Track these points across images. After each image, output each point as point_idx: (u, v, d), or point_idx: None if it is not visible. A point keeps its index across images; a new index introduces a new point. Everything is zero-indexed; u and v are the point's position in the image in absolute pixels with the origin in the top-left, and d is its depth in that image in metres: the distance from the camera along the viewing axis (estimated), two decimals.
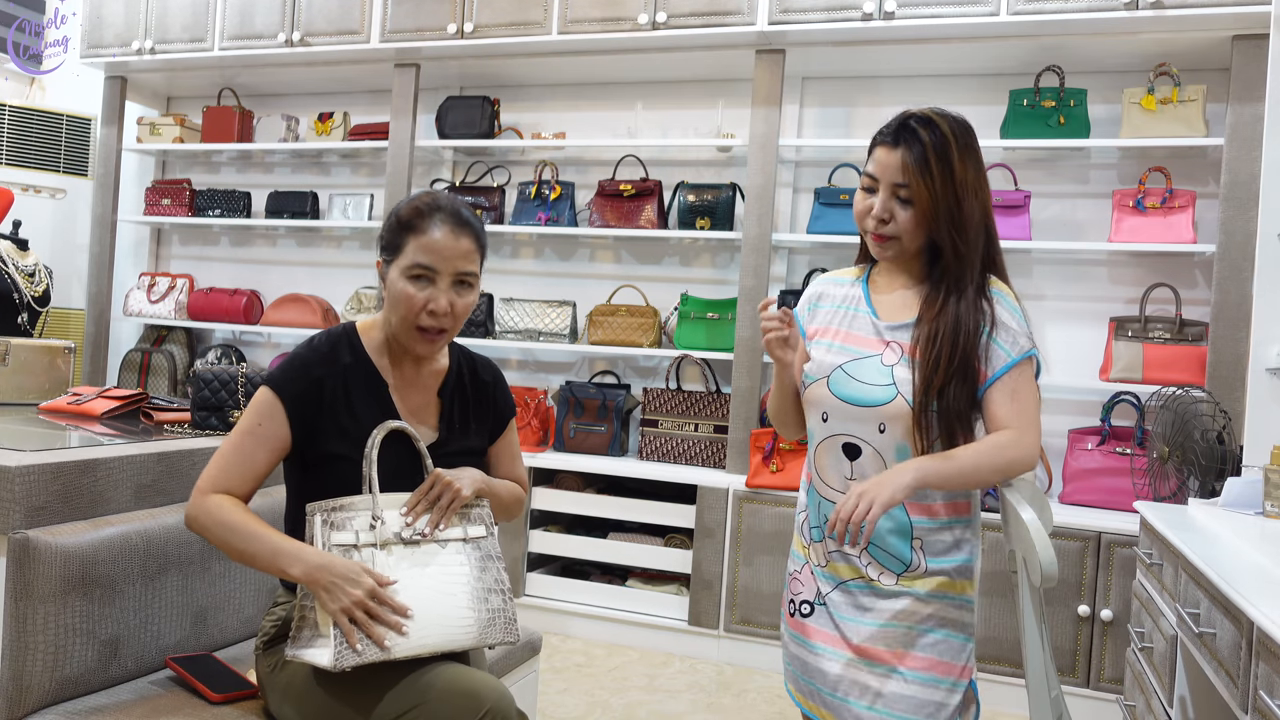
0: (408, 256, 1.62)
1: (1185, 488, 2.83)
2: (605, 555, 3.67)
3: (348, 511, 1.56)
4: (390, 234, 1.65)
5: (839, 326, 1.69)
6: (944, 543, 1.61)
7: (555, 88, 4.26)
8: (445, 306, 1.62)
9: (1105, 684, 3.01)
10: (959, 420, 1.55)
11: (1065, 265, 3.58)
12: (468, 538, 1.63)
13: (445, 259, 1.61)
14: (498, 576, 1.63)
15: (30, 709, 1.61)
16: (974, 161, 1.60)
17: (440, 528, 1.60)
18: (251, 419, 1.63)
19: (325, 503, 1.56)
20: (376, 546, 1.55)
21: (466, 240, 1.63)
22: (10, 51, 4.67)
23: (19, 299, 3.22)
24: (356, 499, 1.58)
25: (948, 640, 1.60)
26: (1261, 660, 1.41)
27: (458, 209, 1.65)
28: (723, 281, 4.01)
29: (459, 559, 1.60)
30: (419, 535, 1.58)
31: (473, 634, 1.57)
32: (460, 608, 1.57)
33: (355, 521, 1.56)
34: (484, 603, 1.59)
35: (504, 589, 1.63)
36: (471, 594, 1.58)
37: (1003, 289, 1.63)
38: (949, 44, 3.38)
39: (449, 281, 1.63)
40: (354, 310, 4.30)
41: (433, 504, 1.61)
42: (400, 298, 1.62)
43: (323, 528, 1.54)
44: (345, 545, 1.54)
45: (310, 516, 1.56)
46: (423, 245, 1.61)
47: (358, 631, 1.48)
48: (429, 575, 1.56)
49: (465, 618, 1.56)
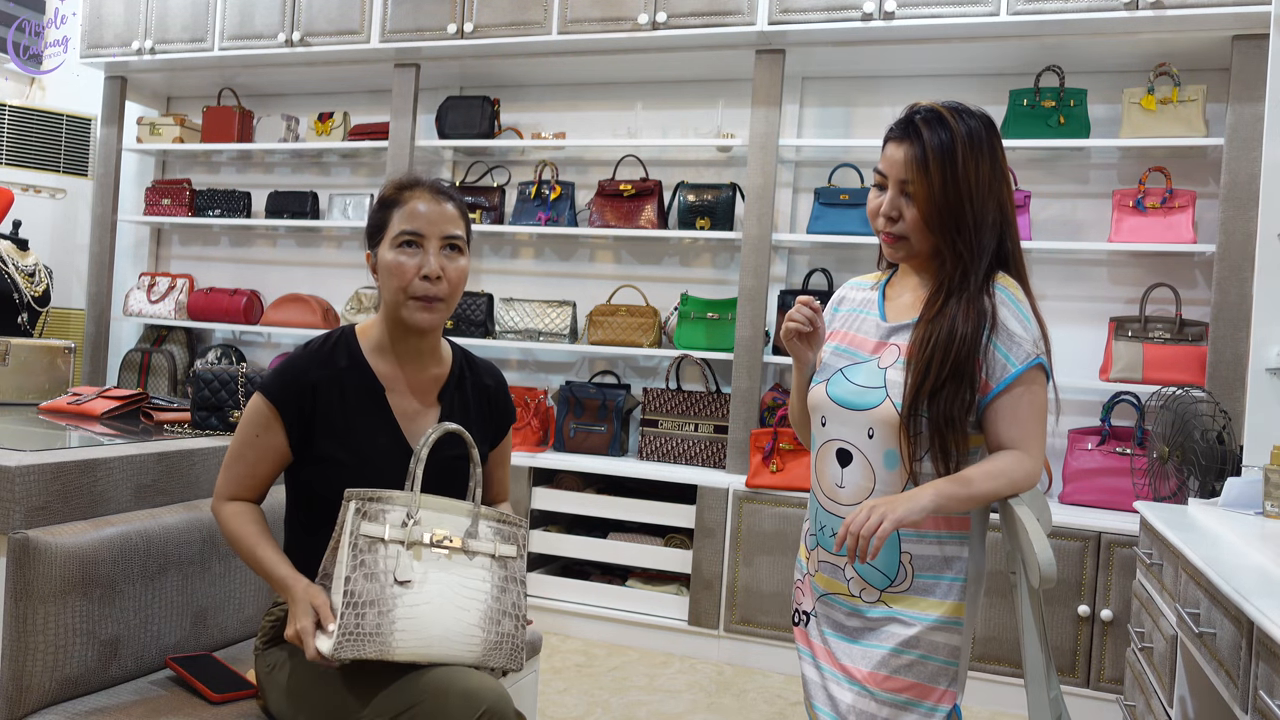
0: (394, 228, 1.64)
1: (1185, 488, 2.83)
2: (605, 555, 3.67)
3: (385, 504, 1.53)
4: (374, 216, 1.68)
5: (846, 329, 1.66)
6: (934, 558, 1.54)
7: (555, 88, 4.26)
8: (436, 269, 1.63)
9: (1105, 684, 3.01)
10: (950, 427, 1.48)
11: (1065, 265, 3.58)
12: (497, 555, 1.61)
13: (431, 222, 1.64)
14: (516, 601, 1.61)
15: (30, 709, 1.61)
16: (987, 159, 1.52)
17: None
18: (249, 430, 1.65)
19: (365, 491, 1.53)
20: (404, 545, 1.53)
21: (449, 205, 1.67)
22: (10, 51, 4.68)
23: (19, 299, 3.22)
24: (398, 494, 1.55)
25: (925, 662, 1.52)
26: (1261, 660, 1.41)
27: (436, 181, 1.70)
28: (723, 281, 4.01)
29: (482, 574, 1.59)
30: (449, 542, 1.56)
31: (477, 654, 1.56)
32: (471, 625, 1.55)
33: (390, 515, 1.53)
34: (495, 625, 1.58)
35: (519, 615, 1.61)
36: (485, 613, 1.57)
37: (1009, 287, 1.55)
38: (949, 44, 3.38)
39: (437, 246, 1.64)
40: (354, 310, 4.30)
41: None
42: (392, 268, 1.63)
43: (354, 516, 1.50)
44: (372, 538, 1.51)
45: (346, 502, 1.52)
46: (407, 213, 1.64)
47: (362, 626, 1.47)
48: (448, 585, 1.54)
49: (473, 636, 1.55)
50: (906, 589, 1.54)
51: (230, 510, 1.66)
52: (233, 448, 1.68)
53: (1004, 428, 1.51)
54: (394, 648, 1.48)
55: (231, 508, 1.67)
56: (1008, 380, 1.51)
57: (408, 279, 1.62)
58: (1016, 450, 1.51)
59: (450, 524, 1.58)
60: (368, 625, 1.47)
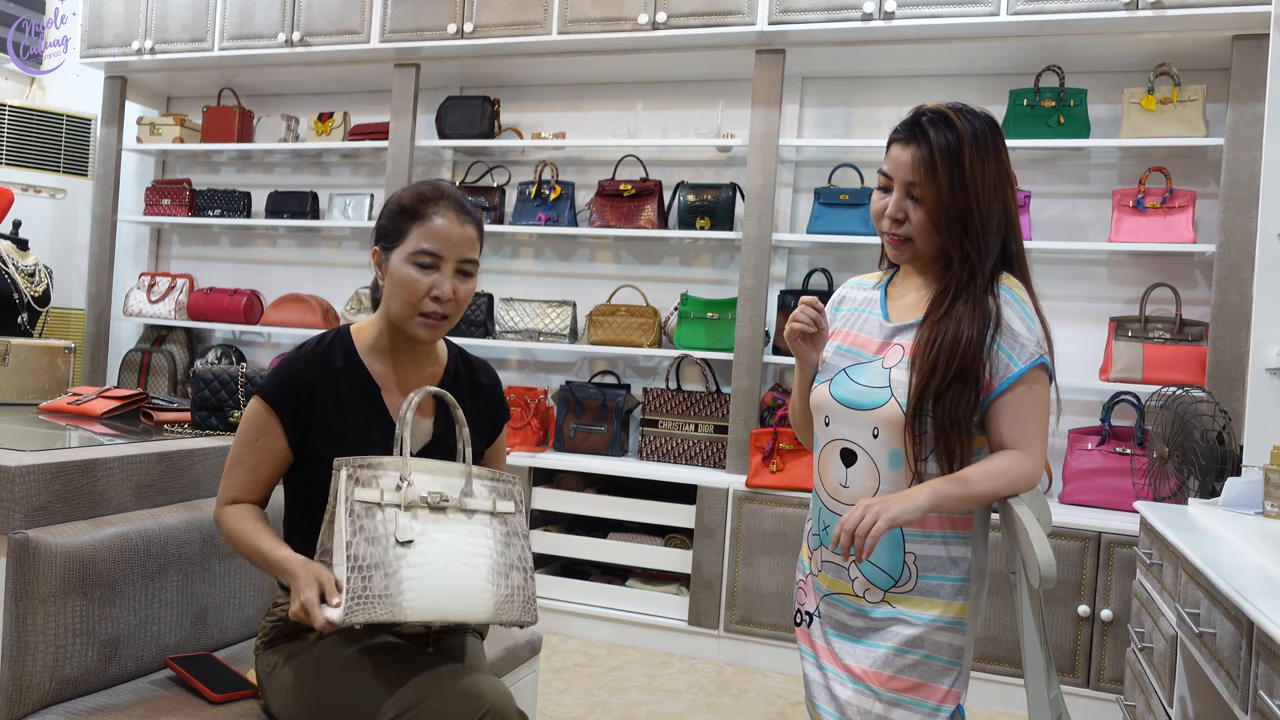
0: (413, 243, 1.62)
1: (1185, 488, 2.83)
2: (605, 555, 3.67)
3: (375, 470, 1.52)
4: (391, 220, 1.66)
5: (849, 329, 1.66)
6: (938, 558, 1.53)
7: (555, 88, 4.26)
8: (449, 292, 1.62)
9: (1105, 684, 3.01)
10: (955, 428, 1.48)
11: (1065, 265, 3.58)
12: (495, 511, 1.60)
13: (452, 245, 1.62)
14: (521, 554, 1.59)
15: (30, 709, 1.61)
16: (993, 161, 1.52)
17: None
18: (249, 433, 1.65)
19: (353, 459, 1.51)
20: (400, 507, 1.51)
21: (470, 228, 1.65)
22: (10, 51, 4.68)
23: (19, 299, 3.22)
24: (387, 459, 1.54)
25: (929, 662, 1.52)
26: (1261, 660, 1.41)
27: (459, 197, 1.68)
28: (723, 281, 4.01)
29: (485, 530, 1.57)
30: (445, 501, 1.55)
31: (489, 608, 1.52)
32: (480, 580, 1.52)
33: (382, 480, 1.52)
34: (504, 578, 1.55)
35: (526, 567, 1.59)
36: (492, 567, 1.54)
37: (1013, 287, 1.56)
38: (949, 44, 3.38)
39: (453, 268, 1.63)
40: (354, 310, 4.30)
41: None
42: (404, 282, 1.62)
43: (347, 482, 1.49)
44: (368, 503, 1.49)
45: (336, 470, 1.50)
46: (429, 231, 1.62)
47: (370, 588, 1.44)
48: (452, 544, 1.53)
49: (484, 590, 1.52)
50: (910, 589, 1.54)
51: (230, 511, 1.66)
52: (233, 453, 1.68)
53: (1006, 427, 1.51)
54: (404, 608, 1.45)
55: (232, 509, 1.66)
56: (1010, 379, 1.51)
57: (419, 297, 1.62)
58: (1017, 450, 1.51)
59: (444, 484, 1.57)
60: (375, 588, 1.44)
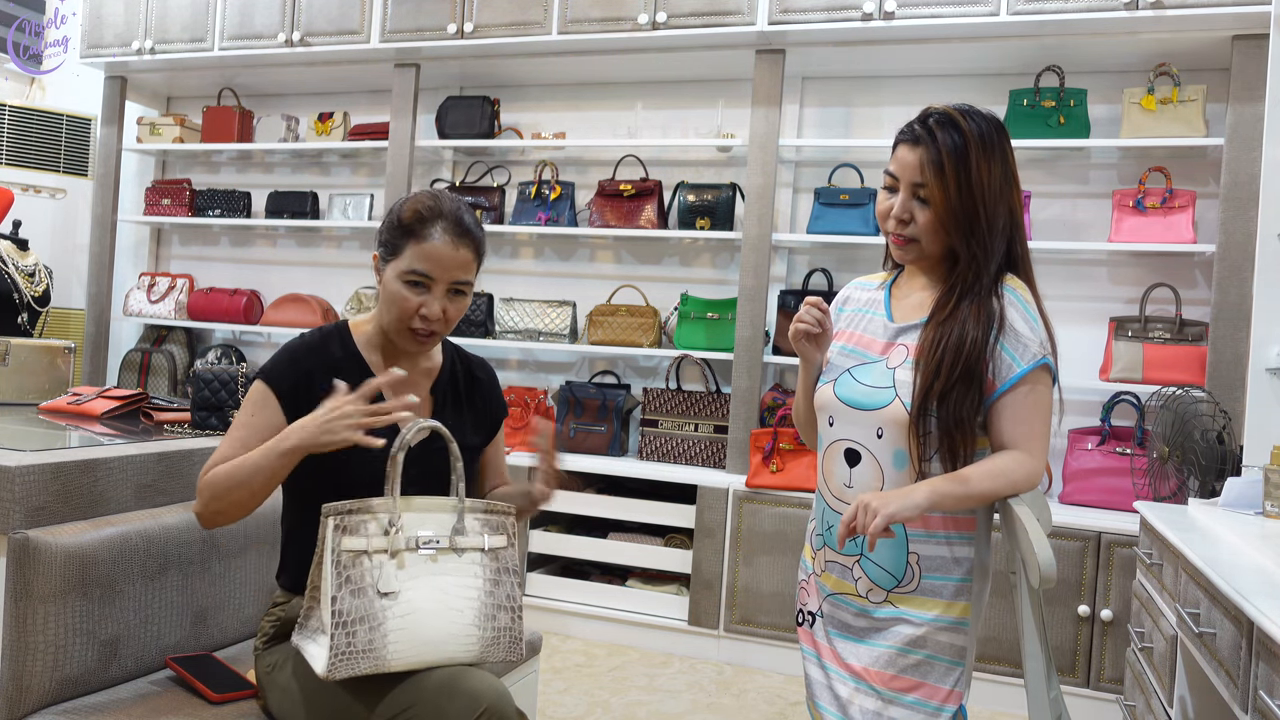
0: (405, 261, 1.61)
1: (1185, 488, 2.83)
2: (605, 555, 3.67)
3: (362, 515, 1.50)
4: (389, 234, 1.64)
5: (853, 329, 1.66)
6: (941, 558, 1.53)
7: (555, 88, 4.26)
8: (438, 313, 1.62)
9: (1105, 684, 3.01)
10: (959, 428, 1.48)
11: (1065, 265, 3.58)
12: (486, 548, 1.58)
13: (443, 268, 1.61)
14: (510, 593, 1.58)
15: (30, 709, 1.61)
16: (999, 163, 1.52)
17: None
18: (246, 412, 1.64)
19: (342, 504, 1.49)
20: (388, 554, 1.49)
21: (466, 250, 1.63)
22: (10, 51, 4.68)
23: (19, 299, 3.22)
24: (376, 501, 1.52)
25: (932, 662, 1.53)
26: (1261, 660, 1.41)
27: (460, 216, 1.64)
28: (723, 281, 4.01)
29: (474, 570, 1.56)
30: (435, 543, 1.53)
31: (474, 652, 1.54)
32: (465, 625, 1.53)
33: (370, 526, 1.50)
34: (491, 620, 1.55)
35: (514, 606, 1.58)
36: (479, 611, 1.54)
37: (1017, 287, 1.56)
38: (949, 44, 3.38)
39: (444, 289, 1.62)
40: (354, 310, 4.30)
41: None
42: (395, 299, 1.62)
43: (334, 533, 1.48)
44: (355, 551, 1.48)
45: (324, 518, 1.49)
46: (422, 252, 1.60)
47: (354, 644, 1.43)
48: (438, 589, 1.52)
49: (469, 635, 1.53)
50: (913, 589, 1.54)
51: (213, 469, 1.59)
52: (229, 432, 1.65)
53: (1007, 427, 1.51)
54: (389, 660, 1.47)
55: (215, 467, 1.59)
56: (1013, 380, 1.51)
57: (408, 315, 1.62)
58: (1018, 450, 1.51)
59: (435, 523, 1.55)
60: (359, 643, 1.45)
